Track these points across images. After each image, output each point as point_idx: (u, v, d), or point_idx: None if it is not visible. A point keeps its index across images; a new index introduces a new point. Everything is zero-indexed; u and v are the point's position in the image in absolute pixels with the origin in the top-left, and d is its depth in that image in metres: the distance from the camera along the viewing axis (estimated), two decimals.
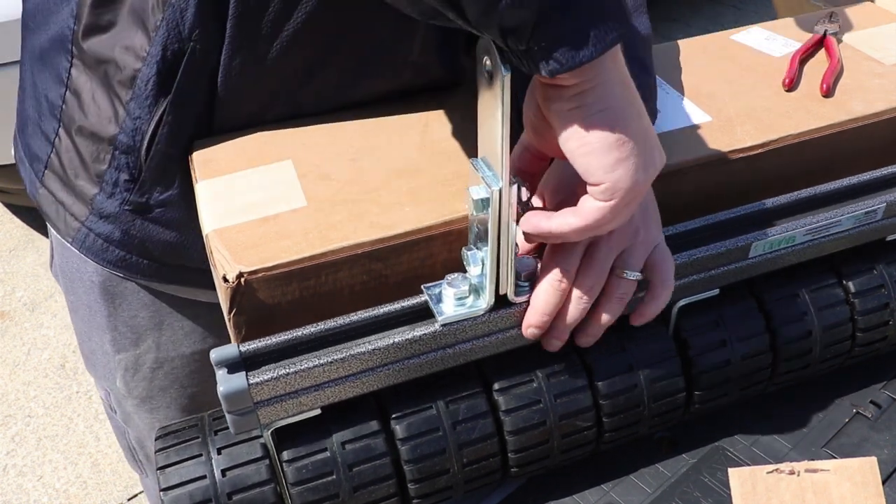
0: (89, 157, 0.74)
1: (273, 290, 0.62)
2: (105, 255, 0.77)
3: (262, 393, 0.58)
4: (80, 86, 0.73)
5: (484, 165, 0.55)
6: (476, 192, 0.55)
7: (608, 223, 0.54)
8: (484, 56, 0.51)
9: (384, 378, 0.62)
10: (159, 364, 0.87)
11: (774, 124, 0.77)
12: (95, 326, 0.87)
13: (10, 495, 1.82)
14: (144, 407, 0.91)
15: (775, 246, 0.70)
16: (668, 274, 0.63)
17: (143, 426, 0.94)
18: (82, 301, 0.86)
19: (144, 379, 0.88)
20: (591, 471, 0.74)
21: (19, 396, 2.06)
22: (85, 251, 0.78)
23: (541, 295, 0.61)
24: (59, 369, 2.13)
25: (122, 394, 0.91)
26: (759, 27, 0.96)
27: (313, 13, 0.66)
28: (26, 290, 2.37)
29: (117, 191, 0.74)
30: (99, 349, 0.89)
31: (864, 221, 0.73)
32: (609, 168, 0.50)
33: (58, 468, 1.89)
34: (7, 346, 2.20)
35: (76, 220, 0.77)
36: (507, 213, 0.55)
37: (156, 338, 0.85)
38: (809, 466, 0.71)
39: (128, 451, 1.05)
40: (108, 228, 0.76)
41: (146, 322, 0.84)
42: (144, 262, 0.77)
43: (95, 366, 0.92)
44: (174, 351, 0.87)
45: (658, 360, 0.69)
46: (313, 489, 0.62)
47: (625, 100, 0.50)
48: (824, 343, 0.75)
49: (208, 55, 0.67)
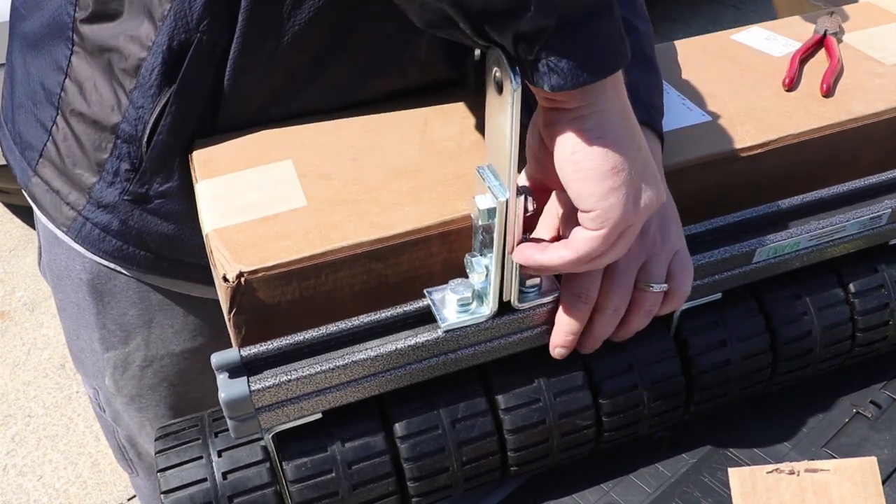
0: (90, 146, 0.74)
1: (273, 290, 0.62)
2: (101, 245, 0.76)
3: (264, 399, 0.58)
4: (80, 73, 0.73)
5: (490, 174, 0.55)
6: (482, 202, 0.55)
7: (601, 255, 0.53)
8: (494, 67, 0.51)
9: (386, 383, 0.62)
10: (148, 362, 0.87)
11: (774, 124, 0.77)
12: (84, 324, 0.86)
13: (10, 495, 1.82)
14: (134, 405, 0.91)
15: (779, 251, 0.70)
16: (684, 283, 0.62)
17: (133, 424, 0.94)
18: (70, 299, 0.86)
19: (133, 377, 0.88)
20: (591, 471, 0.74)
21: (19, 396, 2.06)
22: (81, 241, 0.77)
23: (564, 316, 0.61)
24: (59, 369, 2.13)
25: (111, 392, 0.91)
26: (759, 27, 0.96)
27: (322, 8, 0.66)
28: (26, 290, 2.37)
29: (118, 180, 0.73)
30: (87, 347, 0.89)
31: (869, 226, 0.73)
32: (601, 196, 0.50)
33: (58, 468, 1.89)
34: (7, 346, 2.20)
35: (72, 210, 0.76)
36: (514, 223, 0.55)
37: (145, 336, 0.85)
38: (809, 466, 0.71)
39: (117, 450, 1.04)
40: (107, 218, 0.75)
41: (135, 320, 0.84)
42: (141, 253, 0.77)
43: (84, 364, 0.92)
44: (163, 349, 0.86)
45: (658, 360, 0.69)
46: (313, 487, 0.62)
47: (624, 130, 0.50)
48: (824, 343, 0.75)
49: (215, 46, 0.67)
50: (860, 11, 1.00)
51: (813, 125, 0.77)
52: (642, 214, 0.52)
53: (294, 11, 0.66)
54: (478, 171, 0.56)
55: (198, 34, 0.66)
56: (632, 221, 0.52)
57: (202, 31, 0.66)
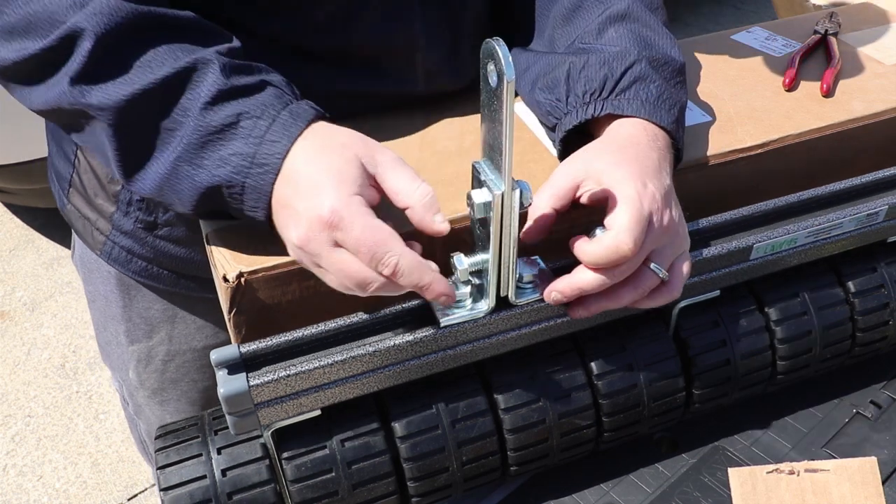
0: (105, 178, 0.79)
1: (273, 290, 0.62)
2: (130, 266, 0.83)
3: (263, 394, 0.58)
4: None
5: (486, 168, 0.55)
6: (478, 196, 0.55)
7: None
8: (488, 61, 0.50)
9: (385, 379, 0.62)
10: (171, 357, 0.90)
11: (775, 124, 0.77)
12: (111, 317, 0.90)
13: (10, 495, 1.82)
14: (155, 399, 0.93)
15: (777, 248, 0.70)
16: (679, 280, 0.63)
17: (154, 418, 0.96)
18: (99, 291, 0.90)
19: (156, 371, 0.90)
20: (591, 471, 0.74)
21: (19, 396, 2.06)
22: (112, 262, 0.83)
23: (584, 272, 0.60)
24: (59, 369, 2.13)
25: (134, 385, 0.93)
26: (759, 27, 0.96)
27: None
28: (26, 290, 2.37)
29: (131, 209, 0.79)
30: (114, 340, 0.92)
31: (866, 223, 0.73)
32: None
33: (58, 468, 1.88)
34: (7, 346, 2.20)
35: (101, 235, 0.82)
36: (510, 216, 0.55)
37: (168, 330, 0.88)
38: (809, 466, 0.71)
39: (139, 443, 1.07)
40: (129, 242, 0.81)
41: (160, 314, 0.87)
42: (165, 272, 0.82)
43: (110, 356, 0.95)
44: (186, 344, 0.89)
45: (658, 360, 0.69)
46: (313, 486, 0.62)
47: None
48: (824, 343, 0.75)
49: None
50: (860, 11, 1.00)
51: (813, 125, 0.77)
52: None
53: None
54: (474, 165, 0.56)
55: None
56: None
57: None
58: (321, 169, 0.55)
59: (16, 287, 2.38)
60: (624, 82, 0.67)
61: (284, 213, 0.56)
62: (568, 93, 0.68)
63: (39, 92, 0.59)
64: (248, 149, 0.56)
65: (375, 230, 0.53)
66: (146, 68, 0.57)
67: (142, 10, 0.57)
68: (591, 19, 0.72)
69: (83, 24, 0.56)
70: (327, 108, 0.61)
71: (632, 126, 0.65)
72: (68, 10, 0.56)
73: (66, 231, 2.52)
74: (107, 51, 0.56)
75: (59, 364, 2.15)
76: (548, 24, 0.76)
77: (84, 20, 0.56)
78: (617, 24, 0.71)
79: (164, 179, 0.58)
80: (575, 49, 0.72)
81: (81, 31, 0.56)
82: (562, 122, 0.69)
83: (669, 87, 0.68)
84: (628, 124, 0.65)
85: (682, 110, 0.69)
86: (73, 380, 2.10)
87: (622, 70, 0.67)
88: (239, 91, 0.57)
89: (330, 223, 0.53)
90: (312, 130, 0.58)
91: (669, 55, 0.70)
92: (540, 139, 0.75)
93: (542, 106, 0.71)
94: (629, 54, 0.68)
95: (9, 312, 2.30)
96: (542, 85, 0.71)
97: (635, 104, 0.66)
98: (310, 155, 0.56)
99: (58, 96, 0.58)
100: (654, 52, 0.69)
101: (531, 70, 0.74)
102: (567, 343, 0.68)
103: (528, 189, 0.55)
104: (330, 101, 0.74)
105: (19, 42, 0.58)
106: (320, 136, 0.57)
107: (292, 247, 0.56)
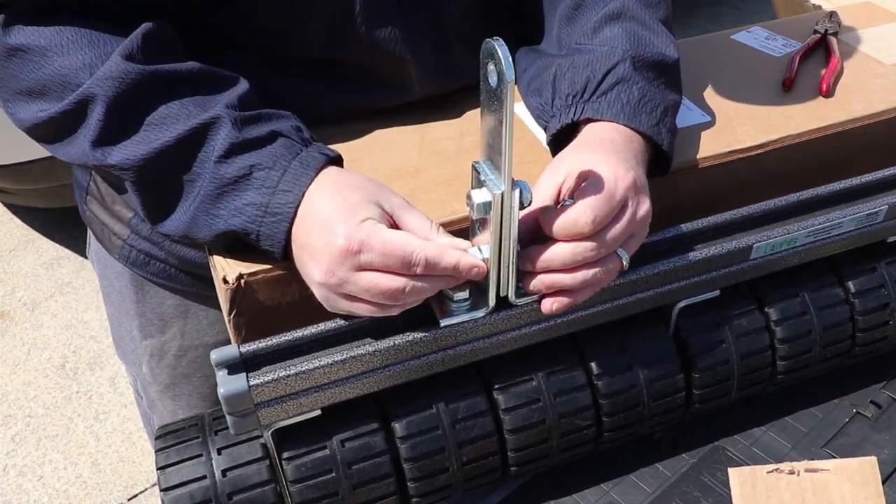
0: (120, 184, 0.78)
1: (273, 292, 0.62)
2: (148, 268, 0.84)
3: (263, 394, 0.58)
4: None
5: (486, 169, 0.55)
6: (478, 196, 0.55)
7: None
8: (488, 61, 0.50)
9: (385, 379, 0.62)
10: (183, 352, 0.90)
11: (774, 124, 0.77)
12: (125, 312, 0.91)
13: (10, 495, 1.82)
14: (168, 394, 0.94)
15: (777, 248, 0.70)
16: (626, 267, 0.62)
17: (167, 413, 0.97)
18: (114, 286, 0.90)
19: (169, 366, 0.91)
20: (591, 471, 0.74)
21: (19, 396, 2.06)
22: (130, 265, 0.84)
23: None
24: (59, 369, 2.13)
25: (147, 380, 0.94)
26: (759, 27, 0.96)
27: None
28: (26, 290, 2.37)
29: None
30: (128, 335, 0.92)
31: (866, 223, 0.73)
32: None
33: (58, 468, 1.88)
34: (7, 346, 2.20)
35: (119, 239, 0.83)
36: (510, 216, 0.55)
37: (181, 326, 0.88)
38: (809, 466, 0.71)
39: (153, 437, 1.07)
40: (147, 245, 0.82)
41: (173, 310, 0.88)
42: (181, 274, 0.83)
43: (125, 351, 0.96)
44: (198, 340, 0.89)
45: (658, 360, 0.69)
46: (313, 487, 0.62)
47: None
48: (824, 343, 0.75)
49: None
50: (860, 11, 1.00)
51: (813, 125, 0.77)
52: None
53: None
54: (473, 165, 0.56)
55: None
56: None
57: None
58: (332, 206, 0.57)
59: (16, 287, 2.38)
60: (605, 84, 0.67)
61: (303, 254, 0.58)
62: (553, 96, 0.69)
63: (66, 150, 0.63)
64: (261, 199, 0.59)
65: (394, 239, 0.55)
66: (161, 126, 0.60)
67: (150, 69, 0.60)
68: (589, 18, 0.73)
69: (95, 89, 0.59)
70: (325, 121, 0.62)
71: (603, 129, 0.66)
72: (79, 72, 0.59)
73: (66, 231, 2.52)
74: (121, 114, 0.60)
75: (59, 364, 2.15)
76: (555, 23, 0.77)
77: (95, 85, 0.59)
78: (612, 22, 0.71)
79: (185, 226, 0.62)
80: (571, 49, 0.72)
81: (94, 97, 0.59)
82: (549, 126, 0.70)
83: (653, 87, 0.68)
84: (600, 127, 0.66)
85: (669, 110, 0.69)
86: (73, 380, 2.10)
87: (604, 71, 0.68)
88: (250, 144, 0.60)
89: (349, 250, 0.55)
90: (323, 175, 0.59)
91: (661, 53, 0.70)
92: (540, 140, 0.75)
93: (534, 109, 0.73)
94: (614, 55, 0.68)
95: (9, 312, 2.30)
96: (533, 87, 0.73)
97: (615, 108, 0.66)
98: (323, 196, 0.58)
99: (81, 155, 0.61)
100: (643, 50, 0.69)
101: (528, 71, 0.75)
102: (567, 343, 0.68)
103: (528, 189, 0.55)
104: (328, 114, 0.74)
105: (37, 104, 0.61)
106: (330, 180, 0.59)
107: (315, 285, 0.58)
